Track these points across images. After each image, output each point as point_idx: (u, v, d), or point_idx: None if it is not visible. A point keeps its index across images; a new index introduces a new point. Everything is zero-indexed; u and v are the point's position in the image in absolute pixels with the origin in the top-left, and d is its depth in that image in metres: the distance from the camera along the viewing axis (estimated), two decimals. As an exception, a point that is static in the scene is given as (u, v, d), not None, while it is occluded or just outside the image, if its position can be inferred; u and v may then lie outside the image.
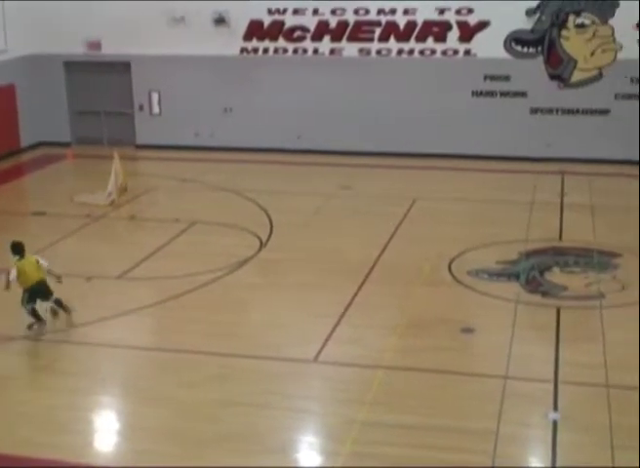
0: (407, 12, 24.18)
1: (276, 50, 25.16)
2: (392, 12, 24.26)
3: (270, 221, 19.08)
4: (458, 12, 23.90)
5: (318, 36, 24.82)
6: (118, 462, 10.31)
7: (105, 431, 11.21)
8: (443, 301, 14.81)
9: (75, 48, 26.09)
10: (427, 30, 24.19)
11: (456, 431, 10.69)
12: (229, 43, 25.17)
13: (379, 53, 24.62)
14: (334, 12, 24.60)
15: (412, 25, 24.25)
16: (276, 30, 25.01)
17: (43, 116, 26.52)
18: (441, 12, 23.99)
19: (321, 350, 12.91)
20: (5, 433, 10.87)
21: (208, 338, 13.41)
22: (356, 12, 24.50)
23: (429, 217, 19.42)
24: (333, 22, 24.70)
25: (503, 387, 11.69)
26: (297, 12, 24.78)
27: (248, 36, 25.18)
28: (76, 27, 25.69)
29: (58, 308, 13.97)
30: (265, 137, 25.40)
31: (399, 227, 18.64)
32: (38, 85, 26.33)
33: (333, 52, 24.87)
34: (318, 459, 10.39)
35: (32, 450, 10.41)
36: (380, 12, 24.35)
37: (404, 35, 24.34)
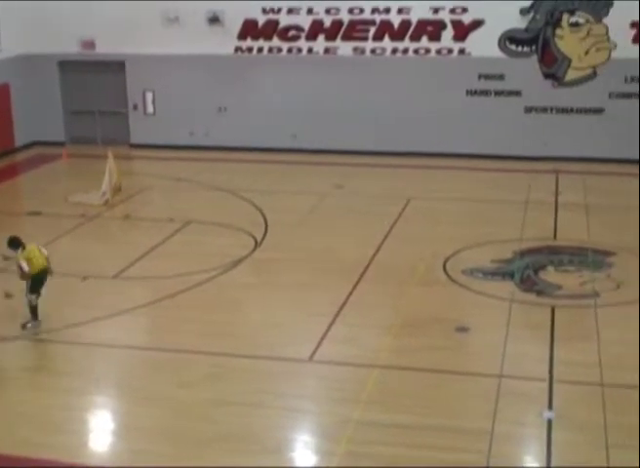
0: (401, 11, 24.18)
1: (271, 49, 25.14)
2: (387, 11, 24.26)
3: (265, 221, 19.07)
4: (452, 11, 23.91)
5: (313, 35, 24.81)
6: (113, 462, 10.30)
7: (100, 431, 11.20)
8: (438, 300, 14.81)
9: (69, 47, 26.06)
10: (422, 29, 24.19)
11: (450, 430, 10.70)
12: (224, 42, 25.15)
13: (373, 52, 24.62)
14: (328, 11, 24.60)
15: (406, 24, 24.25)
16: (271, 29, 25.00)
17: (37, 116, 26.48)
18: (435, 11, 24.00)
19: (316, 349, 12.91)
20: (0, 433, 10.85)
21: (203, 338, 13.40)
22: (350, 11, 24.50)
23: (424, 217, 19.43)
24: (327, 22, 24.70)
25: (498, 386, 11.69)
26: (291, 11, 24.77)
27: (242, 35, 25.17)
28: (70, 27, 25.67)
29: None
30: (260, 137, 25.39)
31: (394, 226, 18.64)
32: (32, 84, 26.29)
33: (327, 51, 24.86)
34: (313, 459, 10.40)
35: (28, 451, 10.40)
36: (375, 11, 24.35)
37: (398, 34, 24.34)
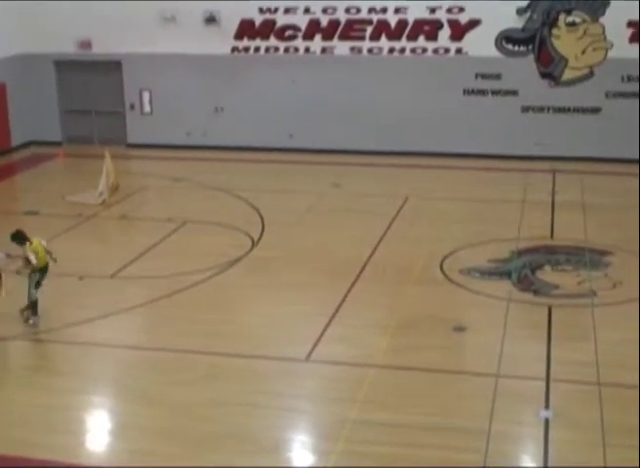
0: (398, 10, 24.18)
1: (267, 49, 25.13)
2: (383, 10, 24.26)
3: (262, 220, 19.05)
4: (449, 10, 23.91)
5: (309, 35, 24.80)
6: (111, 462, 10.29)
7: (98, 431, 11.19)
8: (435, 300, 14.80)
9: (66, 47, 26.02)
10: (419, 29, 24.19)
11: (448, 429, 10.70)
12: (220, 42, 25.13)
13: (370, 51, 24.62)
14: (325, 10, 24.59)
15: (403, 24, 24.25)
16: (267, 29, 24.98)
17: (34, 115, 26.44)
18: (432, 10, 24.00)
19: (313, 349, 12.90)
20: (-4, 433, 10.88)
21: (200, 338, 13.38)
22: (347, 10, 24.49)
23: (421, 216, 19.43)
24: (324, 21, 24.68)
25: (495, 385, 11.69)
26: (288, 11, 24.75)
27: (239, 35, 25.15)
28: (67, 26, 25.62)
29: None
30: (257, 136, 25.37)
31: (391, 226, 18.64)
32: (29, 84, 26.26)
33: (324, 50, 24.85)
34: (311, 458, 10.39)
35: (25, 451, 10.37)
36: (372, 10, 24.34)
37: (395, 34, 24.34)
